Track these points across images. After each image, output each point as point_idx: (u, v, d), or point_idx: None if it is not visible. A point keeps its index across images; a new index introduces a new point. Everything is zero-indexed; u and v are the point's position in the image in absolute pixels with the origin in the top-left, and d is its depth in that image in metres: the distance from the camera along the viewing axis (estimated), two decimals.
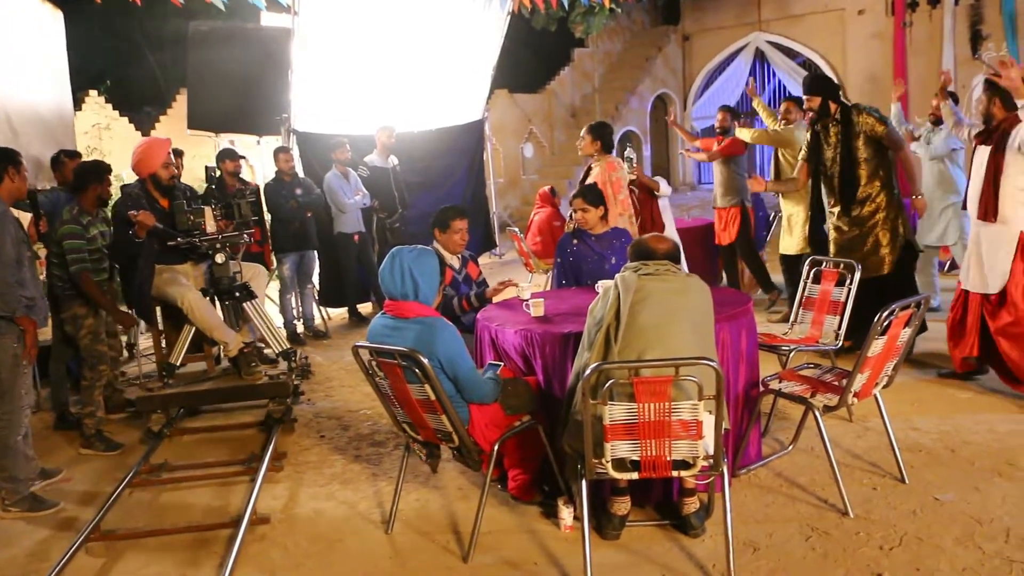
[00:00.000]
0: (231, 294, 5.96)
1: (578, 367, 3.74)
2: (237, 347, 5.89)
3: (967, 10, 14.99)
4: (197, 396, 5.88)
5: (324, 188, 8.70)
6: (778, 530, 3.91)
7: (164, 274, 5.85)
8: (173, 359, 5.87)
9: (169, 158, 5.97)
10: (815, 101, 6.25)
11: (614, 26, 19.05)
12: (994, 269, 5.41)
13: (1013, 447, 4.71)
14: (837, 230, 6.36)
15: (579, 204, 5.52)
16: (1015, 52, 14.39)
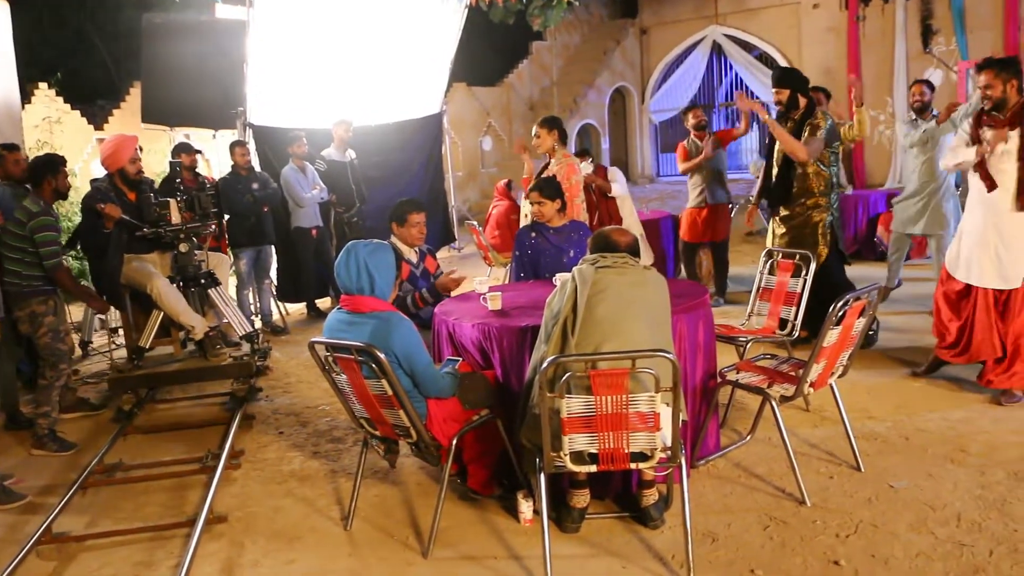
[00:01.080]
0: (196, 281, 6.27)
1: (535, 360, 3.73)
2: (203, 331, 6.18)
3: (918, 5, 15.20)
4: (166, 376, 6.18)
5: (281, 182, 8.62)
6: (736, 520, 3.94)
7: (133, 263, 6.18)
8: (142, 342, 6.18)
9: (136, 154, 6.27)
10: (783, 93, 6.24)
11: (572, 19, 19.05)
12: (1018, 262, 5.17)
13: (964, 434, 4.79)
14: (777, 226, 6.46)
15: (535, 197, 5.50)
16: (963, 47, 14.65)
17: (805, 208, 6.26)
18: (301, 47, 9.70)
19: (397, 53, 10.82)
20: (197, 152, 8.46)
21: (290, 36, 9.53)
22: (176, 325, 6.27)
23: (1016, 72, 5.12)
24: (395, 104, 11.26)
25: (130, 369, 6.08)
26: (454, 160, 13.20)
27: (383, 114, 11.04)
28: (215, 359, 6.18)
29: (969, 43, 14.67)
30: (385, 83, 10.92)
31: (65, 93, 13.34)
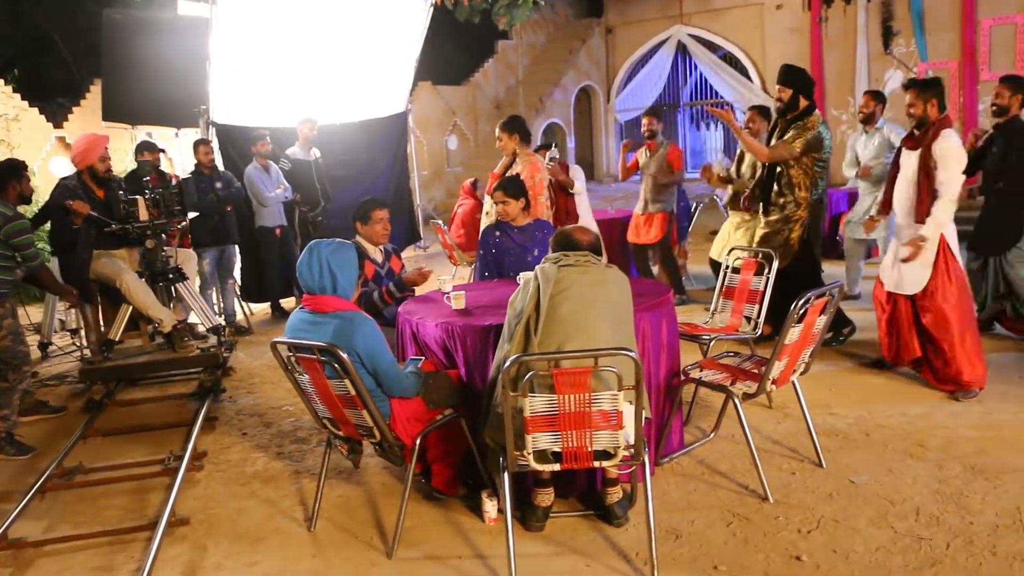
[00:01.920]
0: (164, 276, 6.49)
1: (498, 359, 3.73)
2: (171, 324, 6.38)
3: (879, 7, 15.39)
4: (136, 368, 6.38)
5: (244, 181, 8.55)
6: (700, 517, 3.97)
7: (102, 258, 6.43)
8: (112, 335, 6.38)
9: (106, 152, 6.55)
10: (786, 92, 6.20)
11: (538, 18, 19.07)
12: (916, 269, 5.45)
13: (923, 429, 4.86)
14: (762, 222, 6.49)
15: (500, 196, 5.50)
16: (923, 48, 14.86)
17: (782, 211, 6.30)
18: (265, 45, 9.62)
19: (362, 52, 10.77)
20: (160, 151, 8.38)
21: (254, 34, 9.45)
22: (145, 319, 6.49)
23: (937, 92, 5.41)
24: (360, 103, 11.19)
25: (100, 361, 6.21)
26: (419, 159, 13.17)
27: (348, 113, 10.97)
28: (183, 350, 6.34)
29: (928, 44, 14.88)
30: (350, 82, 10.86)
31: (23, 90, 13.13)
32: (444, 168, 17.15)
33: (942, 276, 5.40)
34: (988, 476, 4.21)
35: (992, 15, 14.29)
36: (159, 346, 6.54)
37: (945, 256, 5.40)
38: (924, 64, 14.80)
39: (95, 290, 6.51)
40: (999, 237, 6.15)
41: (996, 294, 6.35)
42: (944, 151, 5.27)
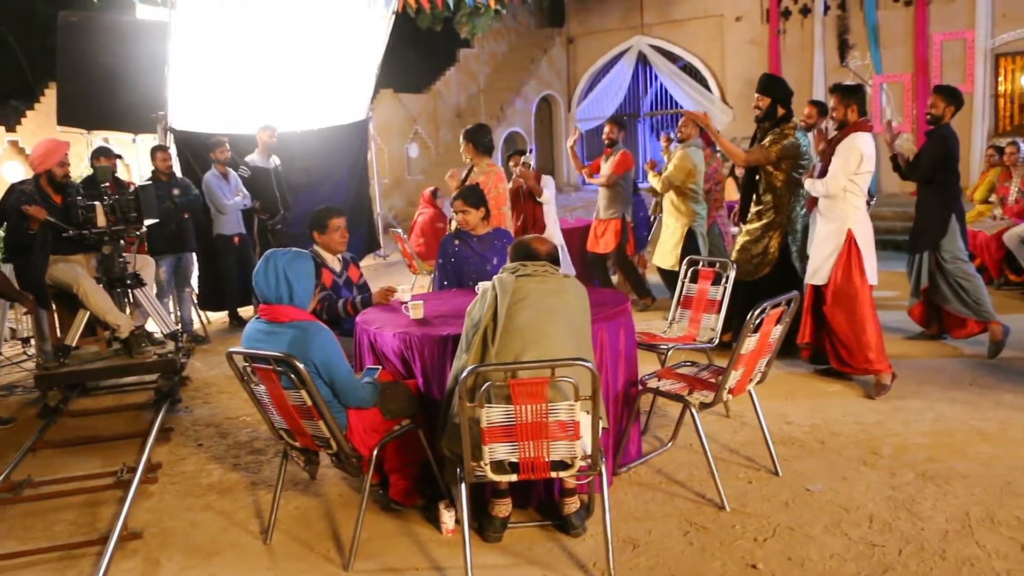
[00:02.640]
0: (122, 281, 6.47)
1: (456, 369, 3.72)
2: (128, 329, 6.34)
3: (835, 20, 15.63)
4: (92, 373, 6.32)
5: (203, 188, 8.47)
6: (657, 526, 3.98)
7: (59, 263, 6.41)
8: (68, 341, 6.35)
9: (66, 158, 6.50)
10: (765, 101, 6.36)
11: (499, 27, 19.11)
12: (826, 261, 5.78)
13: (877, 437, 4.93)
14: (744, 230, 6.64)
15: (460, 206, 5.49)
16: (877, 61, 15.11)
17: (760, 219, 6.45)
18: (225, 51, 9.55)
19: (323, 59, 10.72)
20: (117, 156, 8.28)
21: (213, 39, 9.37)
22: (102, 324, 6.47)
23: (858, 98, 5.72)
24: (321, 110, 11.14)
25: (56, 367, 6.14)
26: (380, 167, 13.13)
27: (308, 120, 10.91)
28: (140, 356, 6.31)
29: (883, 58, 15.13)
30: (311, 89, 10.80)
31: None
32: (405, 176, 17.10)
33: (843, 269, 5.69)
34: (939, 482, 4.28)
35: (943, 30, 14.58)
36: (116, 352, 6.47)
37: (850, 250, 5.68)
38: (879, 77, 15.03)
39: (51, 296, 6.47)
40: (926, 235, 6.47)
41: (917, 290, 6.68)
42: (844, 146, 5.61)
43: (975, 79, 14.22)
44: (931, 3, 14.66)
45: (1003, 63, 14.45)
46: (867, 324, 5.68)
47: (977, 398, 5.52)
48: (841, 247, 5.68)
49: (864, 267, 5.69)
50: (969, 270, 6.44)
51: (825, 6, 15.70)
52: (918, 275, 6.64)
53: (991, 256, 8.67)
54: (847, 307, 5.70)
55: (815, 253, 5.88)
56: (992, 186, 9.52)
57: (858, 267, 5.69)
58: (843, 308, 5.72)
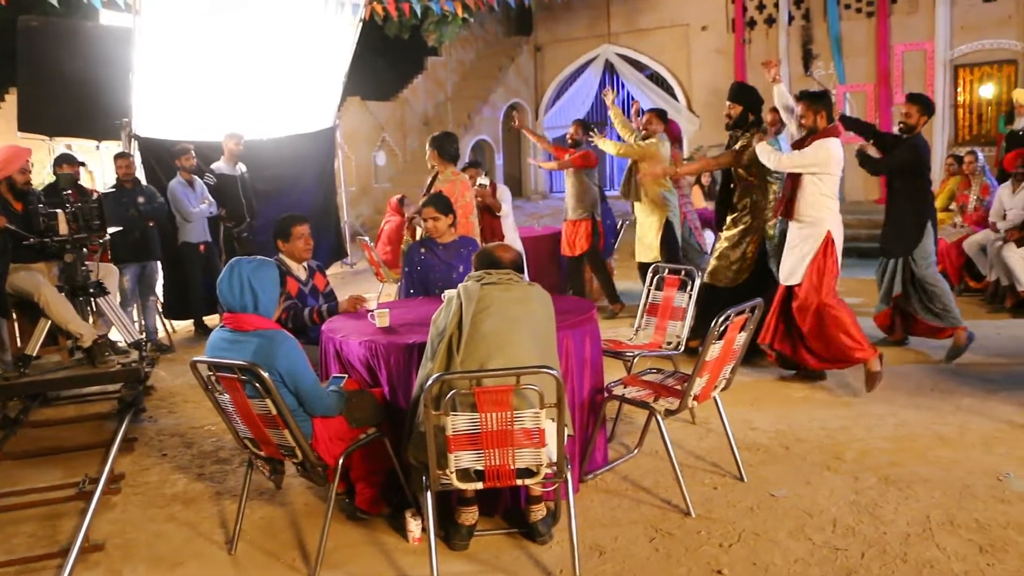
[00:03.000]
0: (85, 290, 6.35)
1: (421, 378, 3.72)
2: (91, 338, 6.17)
3: (799, 30, 15.80)
4: (54, 383, 6.19)
5: (168, 196, 8.40)
6: (623, 533, 4.00)
7: (20, 272, 6.27)
8: (29, 350, 6.17)
9: (27, 165, 6.42)
10: (736, 108, 6.48)
11: (467, 35, 19.11)
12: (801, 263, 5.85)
13: (840, 442, 4.98)
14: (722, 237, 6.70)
15: (430, 213, 5.49)
16: (841, 71, 15.30)
17: (736, 225, 6.54)
18: (191, 58, 9.49)
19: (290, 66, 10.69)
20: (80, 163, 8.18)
21: (179, 46, 9.31)
22: (64, 333, 6.33)
23: (825, 105, 5.80)
24: (287, 117, 11.10)
25: (17, 376, 5.99)
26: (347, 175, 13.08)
27: (275, 127, 10.87)
28: (103, 365, 6.16)
29: (846, 68, 15.31)
30: (278, 96, 10.77)
31: None
32: (372, 184, 17.04)
33: (819, 268, 5.76)
34: (900, 486, 4.34)
35: (903, 41, 14.80)
36: (79, 361, 6.33)
37: (825, 251, 5.76)
38: (842, 86, 15.21)
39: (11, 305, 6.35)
40: (899, 240, 6.53)
41: (888, 297, 6.72)
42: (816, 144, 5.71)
43: (935, 89, 14.43)
44: (892, 15, 14.88)
45: (962, 74, 14.70)
46: (843, 316, 5.76)
47: (938, 403, 5.60)
48: (818, 248, 5.75)
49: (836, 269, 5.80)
50: (939, 277, 6.52)
51: (789, 16, 15.88)
52: (890, 281, 6.68)
53: (952, 263, 8.80)
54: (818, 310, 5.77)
55: (791, 255, 5.93)
56: (952, 194, 9.67)
57: (833, 268, 5.78)
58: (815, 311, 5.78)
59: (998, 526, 3.88)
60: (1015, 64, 14.12)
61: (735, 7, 16.45)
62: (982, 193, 9.26)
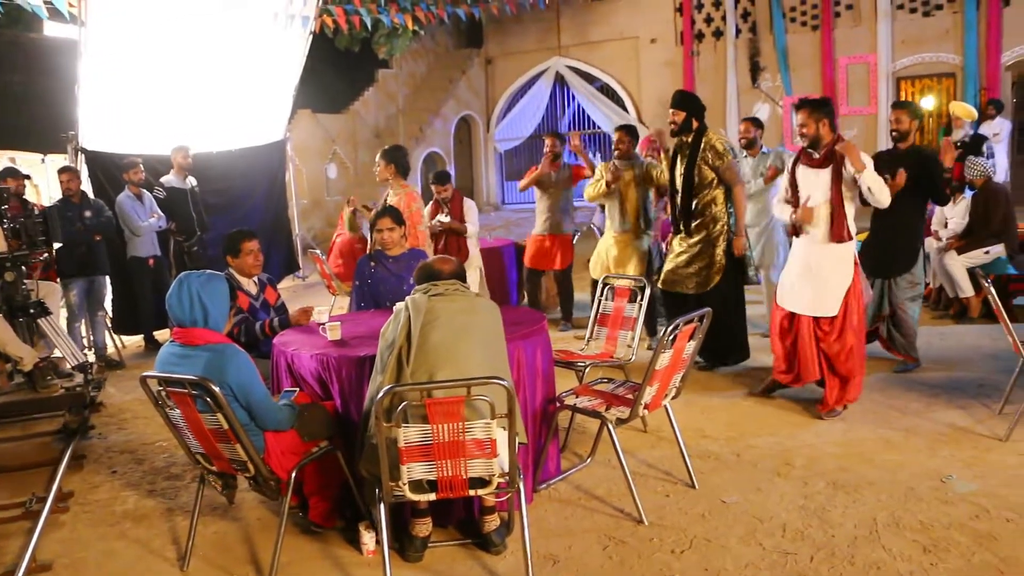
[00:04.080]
0: (25, 311, 6.07)
1: (372, 390, 3.73)
2: (32, 362, 5.90)
3: (746, 43, 16.08)
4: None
5: (116, 210, 8.30)
6: (577, 541, 4.02)
7: None
8: None
9: None
10: (680, 115, 6.40)
11: (418, 48, 19.14)
12: (834, 291, 5.51)
13: (790, 448, 5.05)
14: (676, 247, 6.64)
15: (386, 224, 5.48)
16: (787, 83, 15.58)
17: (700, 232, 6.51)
18: (139, 70, 9.40)
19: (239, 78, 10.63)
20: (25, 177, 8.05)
21: (127, 58, 9.22)
22: (3, 356, 6.00)
23: (827, 112, 5.47)
24: (237, 130, 11.03)
25: None
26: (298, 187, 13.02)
27: (225, 140, 10.79)
28: (45, 390, 5.89)
29: (792, 80, 15.61)
30: (227, 109, 10.70)
31: None
32: (323, 197, 16.97)
33: (854, 298, 5.51)
34: (848, 490, 4.41)
35: (847, 54, 15.14)
36: (19, 385, 6.06)
37: (856, 276, 5.51)
38: (789, 98, 15.49)
39: None
40: (896, 261, 6.30)
41: (877, 313, 6.51)
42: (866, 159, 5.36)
43: (879, 101, 14.77)
44: (836, 28, 15.21)
45: (904, 86, 15.07)
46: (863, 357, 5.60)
47: (885, 408, 5.70)
48: (852, 275, 5.49)
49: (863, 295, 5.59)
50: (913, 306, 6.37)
51: (737, 29, 16.14)
52: (880, 300, 6.44)
53: None
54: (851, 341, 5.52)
55: (820, 282, 5.54)
56: None
57: (860, 295, 5.55)
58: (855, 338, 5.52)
59: (941, 526, 3.97)
60: (954, 77, 14.50)
61: (683, 20, 16.70)
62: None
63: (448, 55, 20.19)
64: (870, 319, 6.43)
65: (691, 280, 6.53)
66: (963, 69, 14.27)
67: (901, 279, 6.30)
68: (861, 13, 14.97)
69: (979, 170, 7.98)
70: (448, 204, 8.24)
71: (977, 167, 7.99)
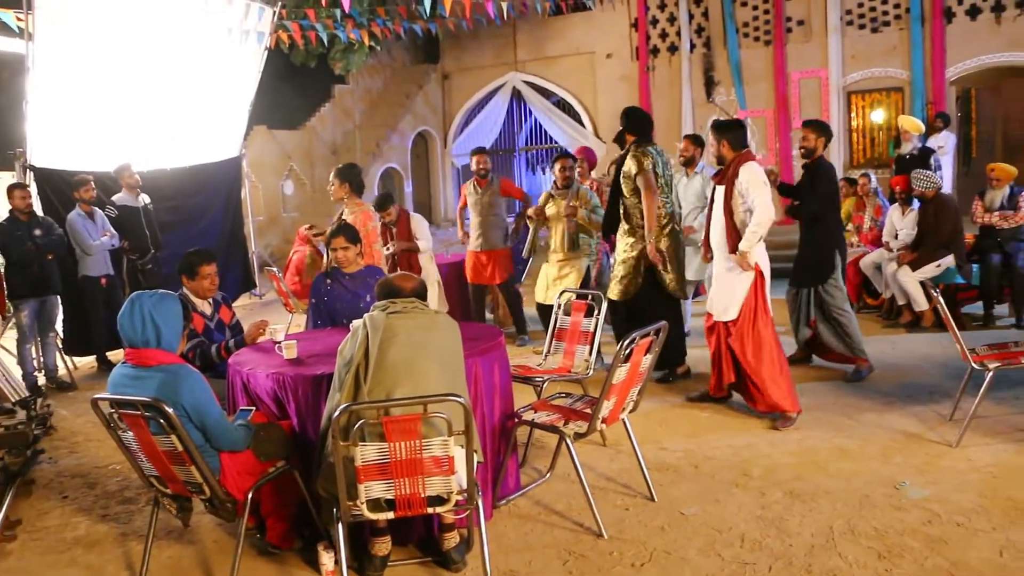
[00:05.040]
0: None
1: (329, 409, 3.70)
2: None
3: (701, 58, 16.25)
4: None
5: (67, 228, 8.17)
6: (537, 557, 4.02)
7: None
8: None
9: None
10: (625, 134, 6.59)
11: (374, 63, 19.10)
12: (735, 297, 5.81)
13: (748, 459, 5.10)
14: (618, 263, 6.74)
15: (340, 243, 5.48)
16: (741, 97, 15.78)
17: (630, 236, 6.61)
18: (90, 85, 9.27)
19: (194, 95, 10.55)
20: None
21: (77, 73, 9.08)
22: None
23: (727, 133, 5.88)
24: (192, 147, 10.93)
25: None
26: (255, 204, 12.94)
27: (179, 157, 10.69)
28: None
29: (746, 94, 15.80)
30: (181, 125, 10.61)
31: None
32: (280, 214, 16.84)
33: (752, 305, 5.76)
34: (805, 499, 4.47)
35: (799, 69, 15.37)
36: None
37: (757, 286, 5.77)
38: (743, 112, 15.67)
39: None
40: (816, 270, 6.58)
41: (806, 322, 6.79)
42: (745, 180, 5.70)
43: (831, 115, 15.00)
44: (788, 43, 15.43)
45: (855, 100, 15.32)
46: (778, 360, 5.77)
47: (839, 417, 5.79)
48: (751, 282, 5.75)
49: (767, 301, 5.81)
50: (845, 306, 6.59)
51: (691, 44, 16.31)
52: (807, 308, 6.68)
53: (850, 282, 9.09)
54: (756, 343, 5.76)
55: (723, 288, 5.91)
56: (848, 215, 10.03)
57: (763, 302, 5.78)
58: (754, 344, 5.76)
59: (895, 532, 4.03)
60: (902, 91, 14.79)
61: (639, 35, 16.84)
62: (876, 214, 9.64)
63: (405, 70, 20.18)
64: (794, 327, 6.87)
65: (615, 287, 6.65)
66: (910, 84, 14.55)
67: (827, 286, 6.55)
68: (812, 29, 15.21)
69: (929, 182, 8.16)
70: (395, 226, 8.22)
71: (928, 179, 8.18)
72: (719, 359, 6.00)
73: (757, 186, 5.68)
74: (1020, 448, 5.07)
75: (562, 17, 17.26)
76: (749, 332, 5.77)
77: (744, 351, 5.79)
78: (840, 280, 6.58)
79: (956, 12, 14.14)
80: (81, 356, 8.93)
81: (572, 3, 15.51)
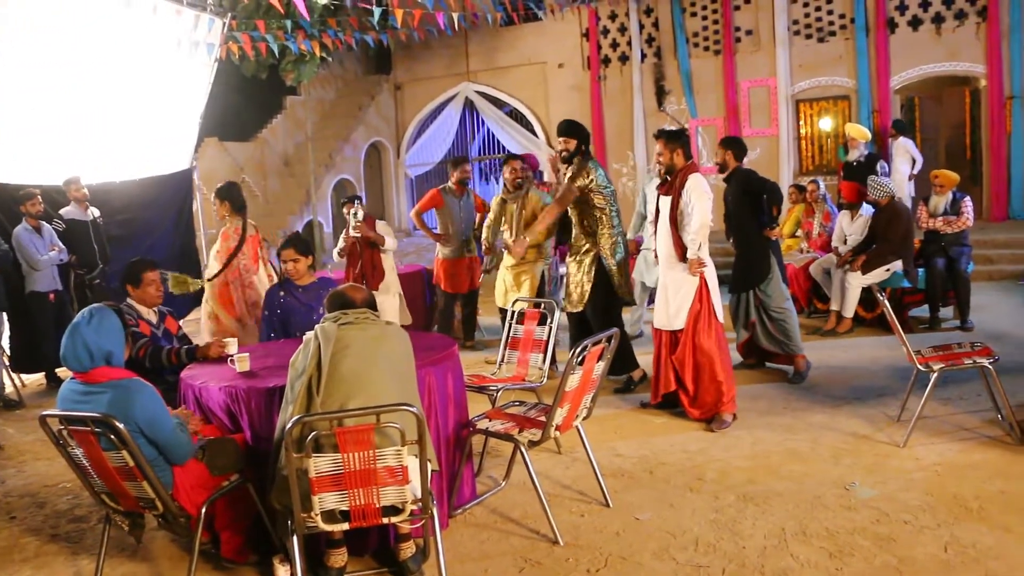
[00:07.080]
0: None
1: (282, 421, 3.68)
2: None
3: (652, 68, 16.42)
4: None
5: (13, 243, 8.04)
6: (493, 565, 4.03)
7: None
8: None
9: None
10: (571, 143, 6.57)
11: (326, 74, 19.02)
12: (681, 307, 5.89)
13: (701, 464, 5.16)
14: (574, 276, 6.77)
15: (290, 255, 5.47)
16: (692, 106, 15.98)
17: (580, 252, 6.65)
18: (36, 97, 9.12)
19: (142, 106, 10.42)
20: None
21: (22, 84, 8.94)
22: None
23: (682, 143, 5.93)
24: (141, 159, 10.79)
25: None
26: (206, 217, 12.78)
27: (129, 169, 10.54)
28: None
29: (697, 103, 16.00)
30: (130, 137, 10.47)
31: None
32: None
33: (700, 312, 5.84)
34: (758, 502, 4.53)
35: (749, 78, 15.60)
36: None
37: (702, 294, 5.85)
38: (695, 121, 15.86)
39: None
40: (751, 274, 6.81)
41: (745, 325, 7.03)
42: (690, 190, 5.78)
43: (779, 123, 15.25)
44: (737, 53, 15.66)
45: (803, 108, 15.59)
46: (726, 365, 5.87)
47: (791, 420, 5.87)
48: (695, 292, 5.83)
49: (715, 308, 5.89)
50: (787, 306, 6.79)
51: (642, 54, 16.47)
52: (746, 311, 6.95)
53: (800, 287, 9.27)
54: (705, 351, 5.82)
55: (669, 298, 5.95)
56: (798, 221, 10.19)
57: (710, 309, 5.86)
58: (702, 352, 5.82)
59: (845, 532, 4.11)
60: (848, 99, 15.08)
61: (590, 45, 16.97)
62: (824, 220, 9.81)
63: (357, 81, 20.12)
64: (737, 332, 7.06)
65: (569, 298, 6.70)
66: (857, 92, 14.83)
67: (766, 287, 6.75)
68: (760, 39, 15.45)
69: (884, 190, 8.37)
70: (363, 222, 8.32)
71: (882, 188, 8.38)
72: (659, 367, 6.08)
73: (700, 196, 5.77)
74: (964, 447, 5.19)
75: (513, 27, 17.33)
76: (692, 339, 5.86)
77: (689, 357, 5.87)
78: (779, 279, 6.78)
79: (899, 23, 14.47)
80: (29, 373, 8.77)
81: (523, 13, 15.56)
